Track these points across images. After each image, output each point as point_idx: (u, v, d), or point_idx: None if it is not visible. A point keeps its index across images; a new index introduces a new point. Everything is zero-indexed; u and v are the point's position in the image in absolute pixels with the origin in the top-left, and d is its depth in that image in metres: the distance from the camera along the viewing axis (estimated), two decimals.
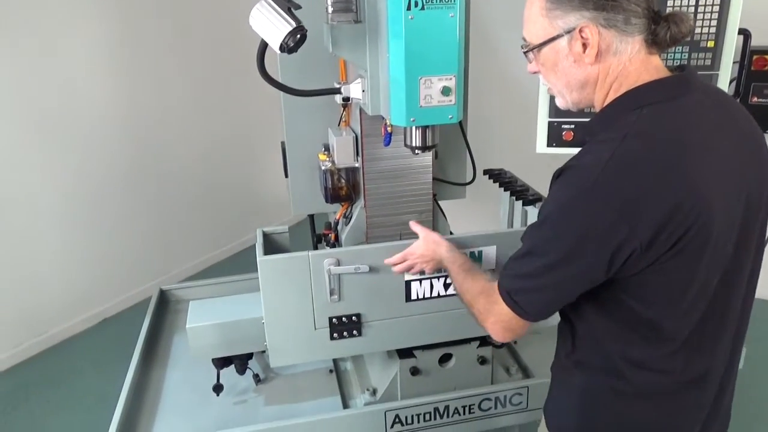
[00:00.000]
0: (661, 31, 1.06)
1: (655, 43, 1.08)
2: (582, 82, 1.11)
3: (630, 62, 1.07)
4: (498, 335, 1.16)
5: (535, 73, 1.19)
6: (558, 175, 1.06)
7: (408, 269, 1.56)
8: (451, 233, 2.34)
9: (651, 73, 1.08)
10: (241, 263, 4.33)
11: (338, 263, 1.60)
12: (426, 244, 1.54)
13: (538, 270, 1.05)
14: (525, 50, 1.18)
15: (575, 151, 1.11)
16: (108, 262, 3.76)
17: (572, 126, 1.80)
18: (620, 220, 0.96)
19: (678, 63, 1.80)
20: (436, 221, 2.24)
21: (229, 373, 1.77)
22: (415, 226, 1.58)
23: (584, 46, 1.07)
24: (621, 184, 0.97)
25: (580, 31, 1.06)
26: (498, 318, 1.14)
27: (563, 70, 1.12)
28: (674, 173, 0.97)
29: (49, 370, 3.27)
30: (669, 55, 1.82)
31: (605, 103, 1.10)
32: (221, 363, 1.75)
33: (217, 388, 1.75)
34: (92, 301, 3.72)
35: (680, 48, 1.83)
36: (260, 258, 1.55)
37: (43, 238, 3.42)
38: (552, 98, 1.80)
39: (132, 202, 3.85)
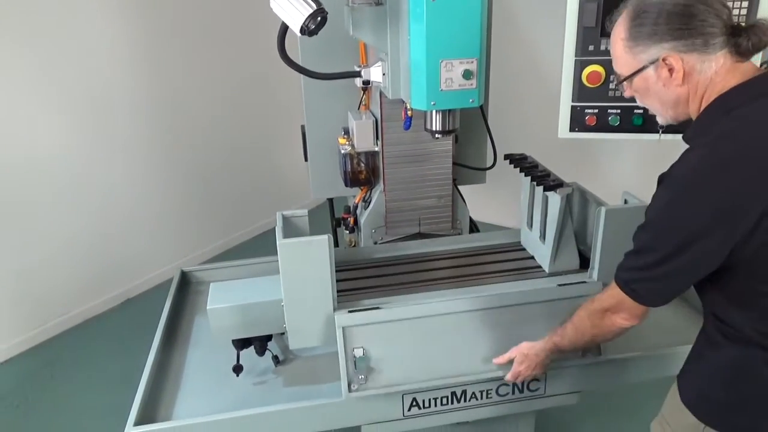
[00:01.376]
0: (743, 42, 1.14)
1: (739, 53, 1.16)
2: (674, 101, 1.22)
3: (716, 74, 1.17)
4: (626, 324, 1.32)
5: (630, 96, 1.30)
6: (660, 180, 1.18)
7: (522, 379, 1.62)
8: (470, 219, 2.34)
9: (737, 78, 1.16)
10: (261, 246, 4.36)
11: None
12: (527, 362, 1.58)
13: (648, 264, 1.18)
14: (617, 82, 1.30)
15: (599, 136, 1.12)
16: (131, 242, 3.81)
17: (596, 111, 1.78)
18: (717, 217, 1.08)
19: None
20: (455, 206, 2.23)
21: (248, 354, 1.80)
22: (500, 360, 1.62)
23: (670, 71, 1.18)
24: (714, 184, 1.08)
25: (664, 60, 1.17)
26: (617, 315, 1.31)
27: (656, 94, 1.23)
28: (764, 170, 1.07)
29: (73, 350, 3.35)
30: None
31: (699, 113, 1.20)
32: (241, 344, 1.78)
33: (237, 369, 1.78)
34: (115, 281, 3.78)
35: None
36: (280, 241, 1.56)
37: (66, 218, 3.48)
38: (576, 81, 1.78)
39: (154, 183, 3.89)
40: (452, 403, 1.71)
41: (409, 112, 1.82)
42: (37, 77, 3.23)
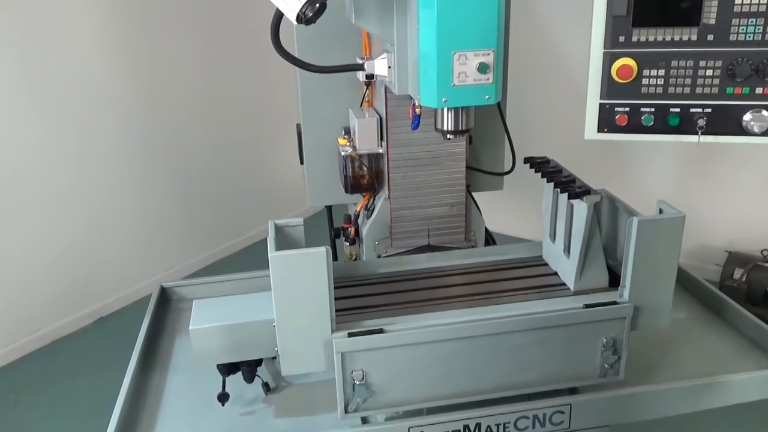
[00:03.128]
0: None
1: None
2: None
3: None
4: None
5: None
6: None
7: None
8: (486, 230, 2.33)
9: None
10: (250, 259, 4.37)
11: None
12: None
13: None
14: None
15: (630, 137, 1.09)
16: (104, 254, 3.82)
17: (627, 109, 1.77)
18: None
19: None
20: (469, 215, 2.23)
21: (235, 380, 1.79)
22: None
23: None
24: None
25: None
26: None
27: None
28: None
29: (40, 372, 3.35)
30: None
31: None
32: (227, 369, 1.77)
33: (223, 397, 1.77)
34: (88, 298, 3.79)
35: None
36: (272, 253, 1.56)
37: (35, 229, 3.49)
38: (605, 76, 1.77)
39: (130, 189, 3.90)
40: None
41: (417, 110, 1.82)
42: (19, 88, 3.25)
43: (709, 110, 1.74)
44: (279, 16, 1.56)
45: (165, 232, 4.14)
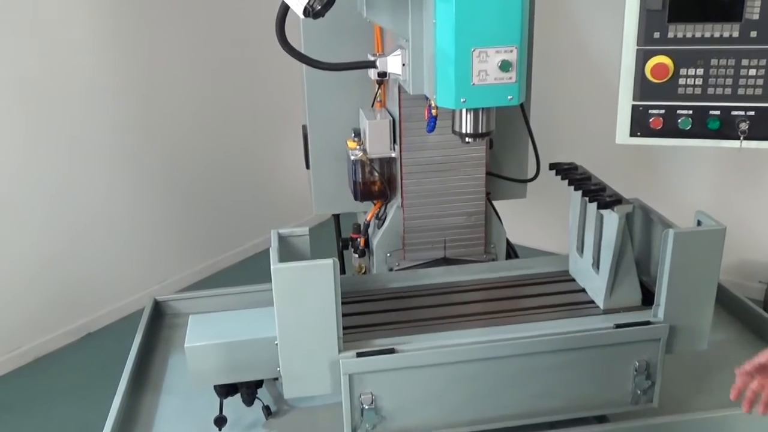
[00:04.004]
0: None
1: None
2: None
3: None
4: None
5: None
6: None
7: None
8: (507, 242, 2.33)
9: None
10: (251, 271, 4.37)
11: None
12: None
13: None
14: None
15: (666, 142, 1.07)
16: (93, 266, 3.84)
17: (662, 111, 1.76)
18: None
19: None
20: (489, 226, 2.22)
21: (234, 403, 1.79)
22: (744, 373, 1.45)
23: None
24: None
25: None
26: None
27: None
28: None
29: (22, 393, 3.36)
30: None
31: None
32: (225, 391, 1.77)
33: (220, 421, 1.77)
34: (74, 311, 3.80)
35: None
36: (275, 265, 1.56)
37: (17, 237, 3.52)
38: (638, 76, 1.76)
39: (121, 195, 3.92)
40: None
41: (433, 111, 1.82)
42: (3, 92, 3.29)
43: (752, 113, 1.73)
44: (285, 9, 1.57)
45: (159, 241, 4.16)
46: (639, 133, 1.80)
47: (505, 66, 1.54)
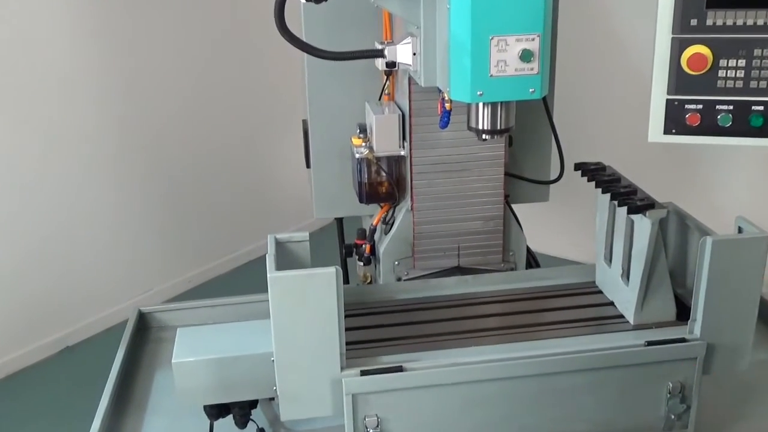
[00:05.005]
0: None
1: None
2: None
3: None
4: None
5: None
6: None
7: None
8: (528, 249, 2.33)
9: None
10: (245, 280, 4.38)
11: None
12: None
13: None
14: None
15: (704, 140, 1.07)
16: (72, 274, 3.86)
17: (700, 106, 1.76)
18: None
19: None
20: (507, 232, 2.22)
21: (225, 425, 1.79)
22: None
23: None
24: None
25: None
26: None
27: None
28: None
29: None
30: None
31: None
32: (216, 412, 1.77)
33: None
34: (52, 323, 3.82)
35: None
36: (271, 274, 1.56)
37: None
38: (673, 67, 1.76)
39: (103, 196, 3.94)
40: None
41: (447, 105, 1.82)
42: None
43: None
44: None
45: (144, 246, 4.17)
46: (674, 131, 1.80)
47: (526, 56, 1.54)
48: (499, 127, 1.71)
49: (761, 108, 1.74)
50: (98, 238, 3.93)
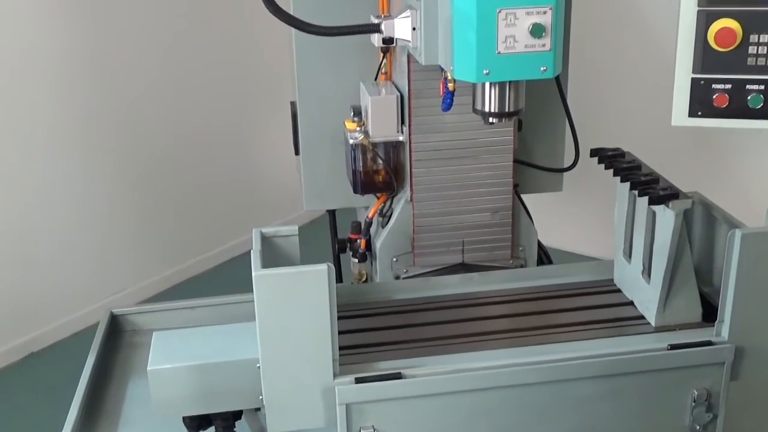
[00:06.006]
0: None
1: None
2: None
3: None
4: None
5: None
6: None
7: None
8: (539, 244, 2.33)
9: None
10: (227, 279, 4.38)
11: None
12: None
13: None
14: None
15: (733, 124, 1.07)
16: (36, 273, 3.85)
17: (728, 86, 1.76)
18: None
19: None
20: (517, 225, 2.22)
21: None
22: None
23: None
24: None
25: None
26: None
27: None
28: None
29: None
30: None
31: None
32: (196, 424, 1.77)
33: None
34: (15, 327, 3.81)
35: None
36: (257, 272, 1.57)
37: None
38: (699, 43, 1.76)
39: (70, 188, 3.92)
40: None
41: (450, 86, 1.82)
42: None
43: None
44: None
45: (116, 242, 4.17)
46: (700, 113, 1.80)
47: (537, 31, 1.54)
48: (507, 110, 1.71)
49: None
50: (64, 233, 3.92)
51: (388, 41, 1.82)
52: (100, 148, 4.00)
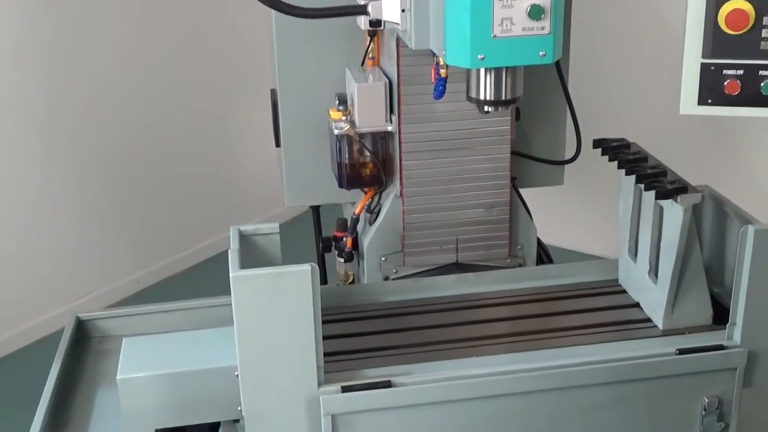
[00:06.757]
0: None
1: None
2: None
3: None
4: None
5: None
6: None
7: None
8: (539, 242, 2.33)
9: None
10: (203, 280, 4.38)
11: None
12: None
13: None
14: None
15: (745, 112, 1.07)
16: None
17: (740, 72, 1.77)
18: None
19: None
20: (515, 221, 2.23)
21: None
22: None
23: None
24: None
25: None
26: None
27: None
28: None
29: None
30: None
31: None
32: None
33: None
34: None
35: None
36: (235, 272, 1.56)
37: None
38: (709, 25, 1.77)
39: (29, 182, 3.90)
40: None
41: (442, 72, 1.83)
42: None
43: None
44: None
45: (82, 241, 4.15)
46: (710, 101, 1.81)
47: (535, 12, 1.55)
48: (504, 98, 1.71)
49: None
50: (23, 231, 3.90)
51: (376, 24, 1.82)
52: (63, 138, 3.98)
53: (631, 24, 4.05)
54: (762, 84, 1.77)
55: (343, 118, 2.13)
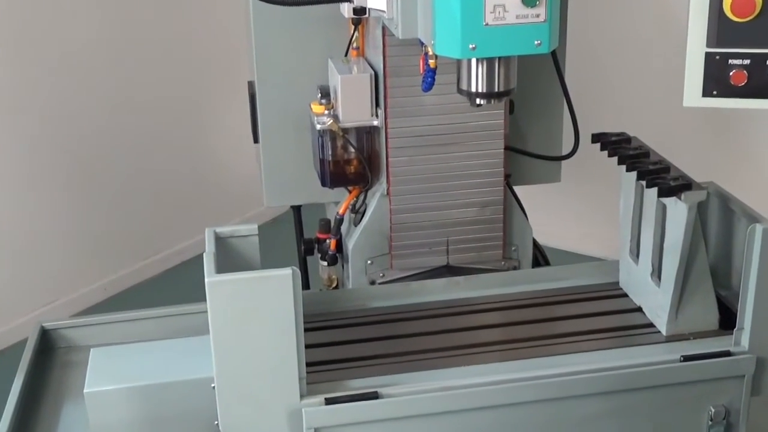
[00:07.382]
0: None
1: None
2: None
3: None
4: None
5: None
6: None
7: None
8: (535, 243, 2.34)
9: None
10: (176, 286, 4.36)
11: None
12: None
13: None
14: None
15: (752, 104, 1.07)
16: None
17: (747, 62, 1.78)
18: None
19: None
20: (509, 219, 2.23)
21: None
22: None
23: None
24: None
25: None
26: None
27: None
28: None
29: None
30: None
31: None
32: None
33: None
34: None
35: None
36: (210, 277, 1.56)
37: None
38: (714, 12, 1.77)
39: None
40: None
41: (431, 63, 1.83)
42: None
43: None
44: None
45: (46, 245, 4.13)
46: (715, 92, 1.82)
47: (530, 0, 1.55)
48: (496, 90, 1.72)
49: None
50: None
51: (360, 12, 1.83)
52: (21, 135, 3.96)
53: (631, 10, 4.06)
54: None
55: (326, 112, 2.13)
